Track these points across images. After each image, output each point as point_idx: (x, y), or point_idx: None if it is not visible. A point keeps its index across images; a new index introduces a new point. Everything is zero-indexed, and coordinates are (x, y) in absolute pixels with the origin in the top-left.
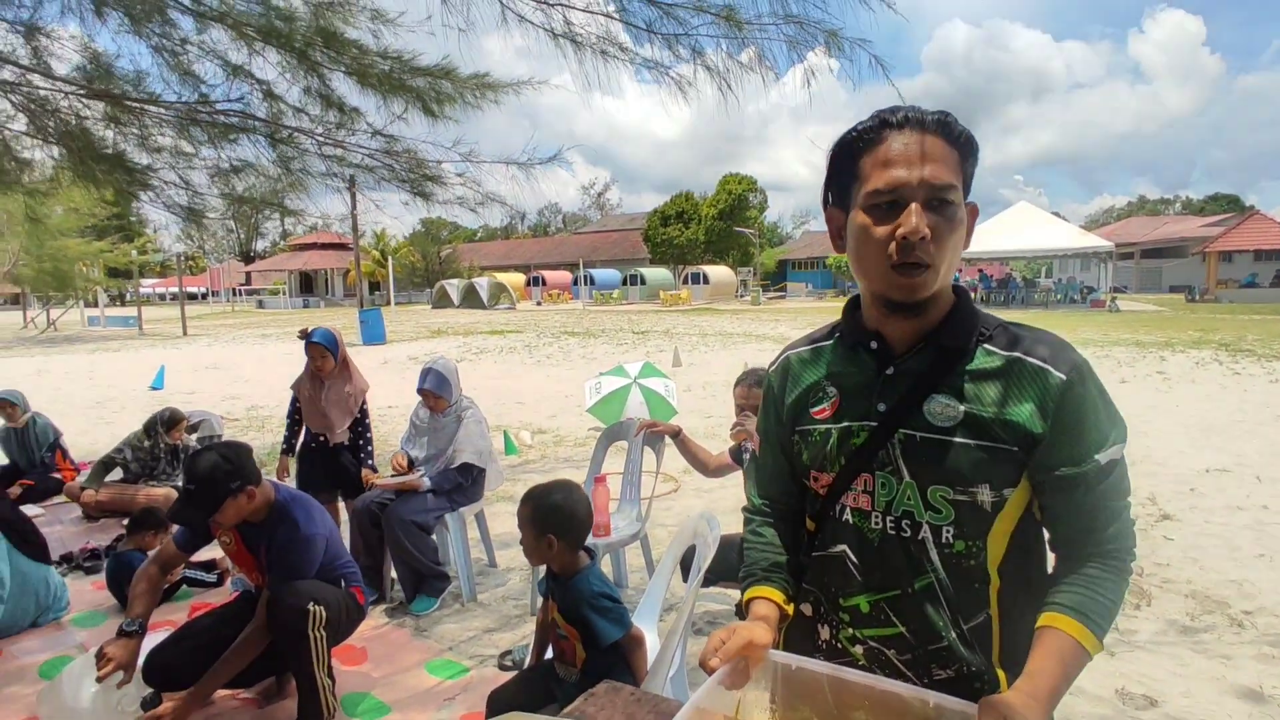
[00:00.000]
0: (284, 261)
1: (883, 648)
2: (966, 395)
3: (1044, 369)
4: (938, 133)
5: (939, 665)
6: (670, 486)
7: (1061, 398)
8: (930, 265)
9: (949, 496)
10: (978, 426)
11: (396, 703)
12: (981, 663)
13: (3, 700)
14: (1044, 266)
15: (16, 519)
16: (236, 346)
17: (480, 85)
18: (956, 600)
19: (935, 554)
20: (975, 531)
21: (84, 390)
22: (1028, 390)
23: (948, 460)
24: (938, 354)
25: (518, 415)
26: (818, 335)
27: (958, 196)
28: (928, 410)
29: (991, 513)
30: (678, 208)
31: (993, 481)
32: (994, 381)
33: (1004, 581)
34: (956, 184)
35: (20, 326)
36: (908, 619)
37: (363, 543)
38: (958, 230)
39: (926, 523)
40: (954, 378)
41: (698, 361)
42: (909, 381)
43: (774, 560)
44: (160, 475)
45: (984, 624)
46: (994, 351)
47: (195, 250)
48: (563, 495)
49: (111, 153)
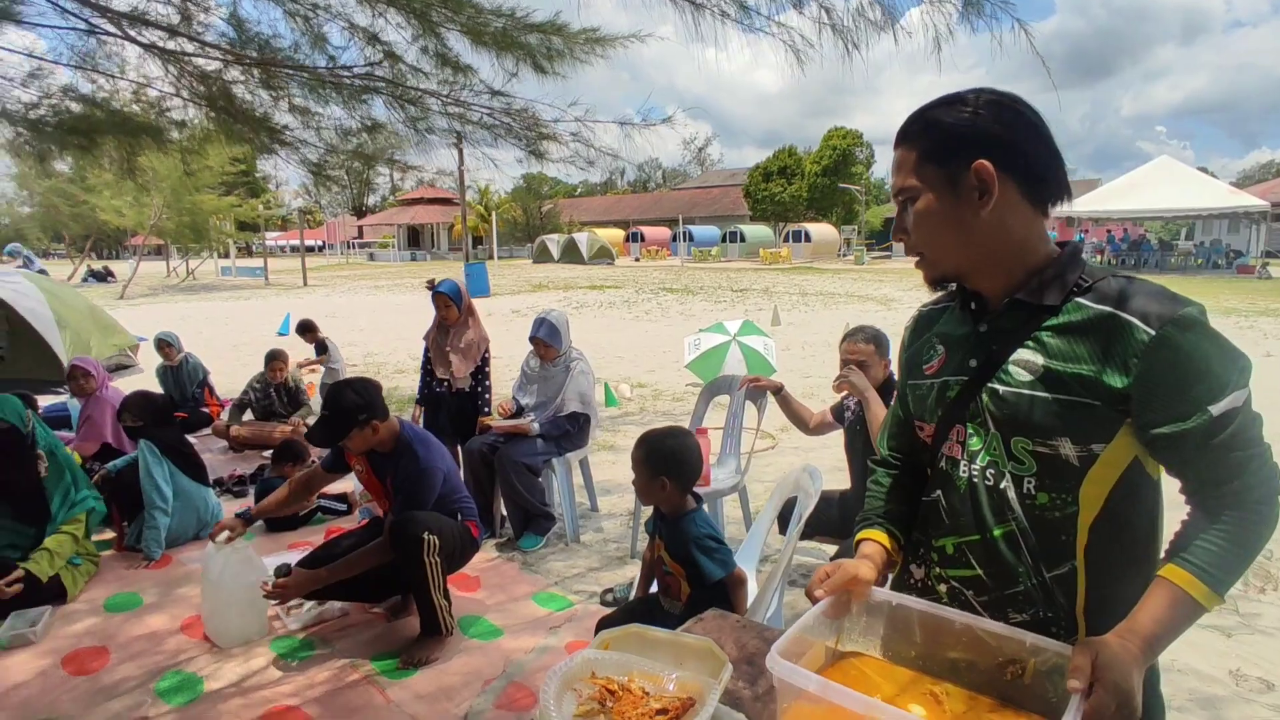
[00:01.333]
0: (393, 216)
1: (962, 588)
2: (1049, 350)
3: (1129, 323)
4: (900, 143)
5: (1014, 609)
6: (769, 443)
7: (1148, 354)
8: (921, 254)
9: (1029, 448)
10: (1056, 381)
11: (508, 627)
12: (1061, 610)
13: (178, 598)
14: (1184, 228)
15: (181, 444)
16: (351, 296)
17: (590, 40)
18: (1039, 549)
19: (1017, 503)
20: (1061, 486)
21: (222, 334)
22: (1111, 345)
23: (1028, 414)
24: (1023, 310)
25: (617, 369)
26: (949, 294)
27: (918, 191)
28: (1012, 365)
29: (1080, 467)
30: (780, 163)
31: (1074, 435)
32: (1077, 336)
33: (1095, 536)
34: (914, 182)
35: (164, 276)
36: (985, 563)
37: (474, 482)
38: (929, 219)
39: (1009, 473)
40: (1040, 332)
41: (797, 321)
42: (998, 337)
43: (887, 508)
44: (279, 412)
45: (1068, 574)
46: (1084, 305)
47: (313, 205)
48: (677, 440)
49: (255, 114)
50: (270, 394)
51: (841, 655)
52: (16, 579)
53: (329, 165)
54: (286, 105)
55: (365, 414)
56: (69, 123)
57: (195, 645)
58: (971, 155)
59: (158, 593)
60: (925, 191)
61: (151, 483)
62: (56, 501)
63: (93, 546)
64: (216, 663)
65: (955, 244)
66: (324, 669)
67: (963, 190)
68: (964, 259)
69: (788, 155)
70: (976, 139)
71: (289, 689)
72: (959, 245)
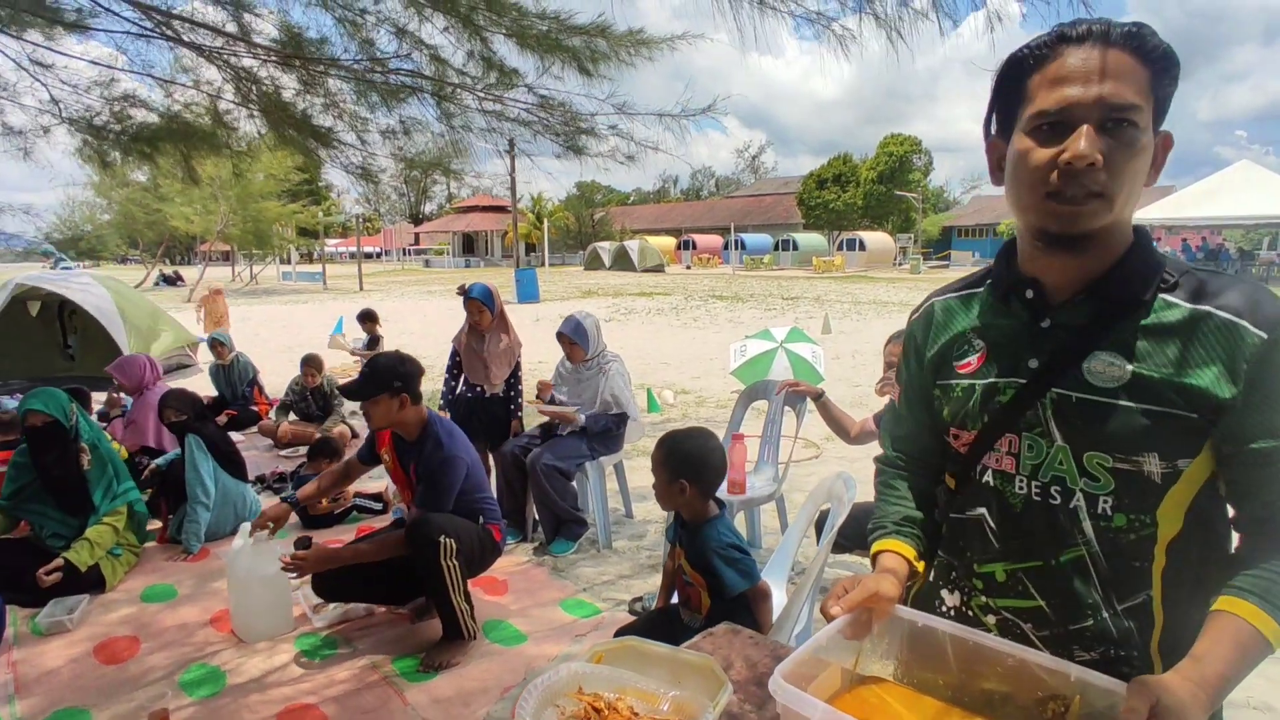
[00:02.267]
0: (448, 223)
1: (1019, 620)
2: (1137, 353)
3: (1236, 324)
4: (1125, 46)
5: (1081, 646)
6: (812, 453)
7: (1259, 358)
8: (1102, 194)
9: (1108, 465)
10: (1147, 389)
11: (533, 633)
12: (1136, 647)
13: (211, 592)
14: (1267, 237)
15: (224, 442)
16: (404, 301)
17: (635, 42)
18: (1111, 577)
19: (1089, 525)
20: (1140, 505)
21: (279, 336)
22: (1214, 349)
23: (1109, 426)
24: (1104, 305)
25: (662, 375)
26: (970, 280)
27: (1143, 119)
28: (1088, 369)
29: (1162, 485)
30: (834, 170)
31: (1163, 451)
32: (1172, 338)
33: (1172, 561)
34: (1142, 104)
35: (229, 280)
36: (1049, 593)
37: (506, 486)
38: (1138, 158)
39: (1081, 491)
40: (1122, 332)
41: (848, 330)
42: (1067, 335)
43: (906, 514)
44: (314, 415)
45: (1143, 605)
46: (1175, 303)
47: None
48: (697, 442)
49: (300, 117)
50: (306, 397)
51: (861, 680)
52: (56, 568)
53: (374, 169)
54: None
55: (400, 383)
56: (131, 129)
57: (222, 639)
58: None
59: (192, 585)
60: (1144, 120)
61: (196, 476)
62: (99, 494)
63: (134, 538)
64: (241, 657)
65: (1134, 196)
66: (345, 668)
67: (1152, 140)
68: (1122, 219)
69: (842, 162)
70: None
71: (308, 687)
72: (1133, 200)
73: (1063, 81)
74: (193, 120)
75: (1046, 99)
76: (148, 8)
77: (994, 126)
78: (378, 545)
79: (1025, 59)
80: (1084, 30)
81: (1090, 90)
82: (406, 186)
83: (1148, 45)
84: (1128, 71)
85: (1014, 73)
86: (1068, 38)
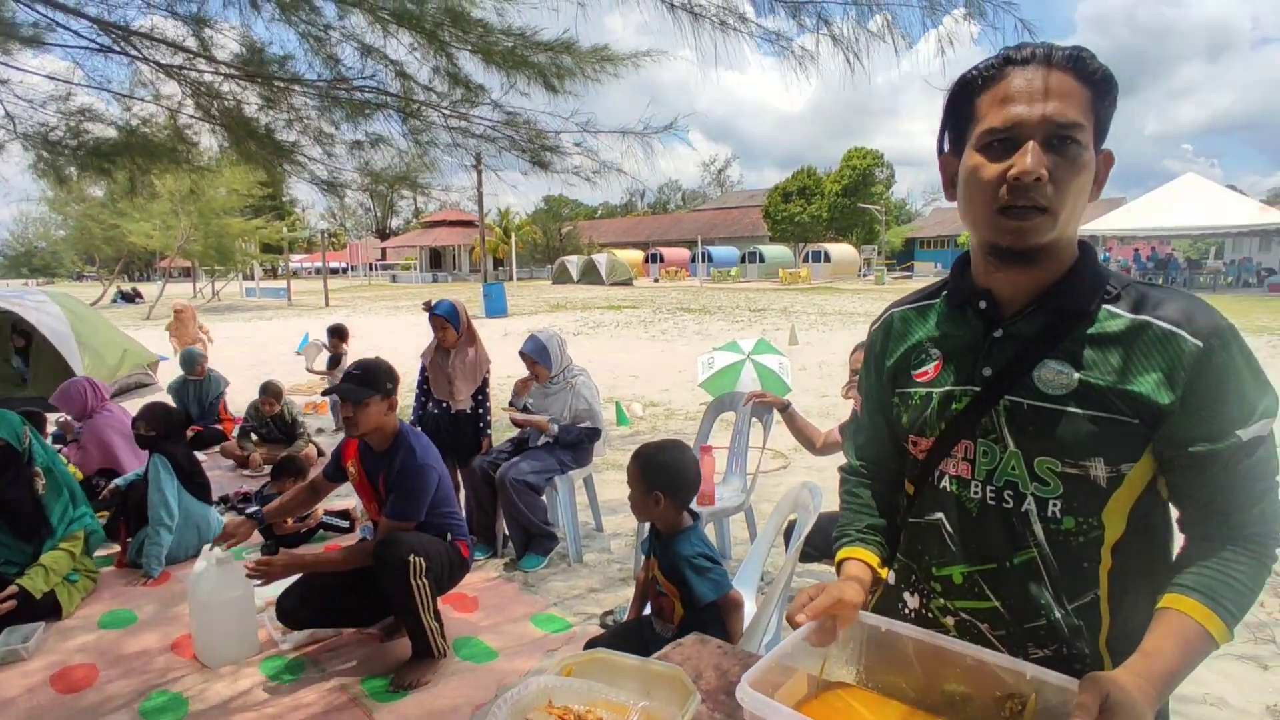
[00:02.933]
0: (415, 238)
1: (976, 621)
2: (1084, 362)
3: (1175, 333)
4: (1067, 68)
5: (1035, 644)
6: (780, 463)
7: (1196, 367)
8: (1047, 209)
9: (1057, 469)
10: (1094, 396)
11: (503, 649)
12: (1085, 644)
13: (173, 616)
14: (1213, 246)
15: (189, 462)
16: (371, 317)
17: (600, 59)
18: (1061, 578)
19: (1040, 528)
20: (1087, 508)
21: (243, 354)
22: (1154, 358)
23: (1058, 431)
24: (1053, 315)
25: (631, 388)
26: (926, 292)
27: (1085, 137)
28: (1038, 377)
29: (1107, 489)
30: (799, 184)
31: (1108, 455)
32: (1115, 347)
33: (1118, 562)
34: (1084, 123)
35: (190, 297)
36: (1004, 594)
37: (476, 501)
38: (1081, 174)
39: (1032, 495)
40: (1070, 342)
41: (815, 340)
42: (1019, 345)
43: (869, 522)
44: (277, 439)
45: (1091, 604)
46: (1118, 313)
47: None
48: (673, 455)
49: (263, 132)
50: (267, 423)
51: (827, 686)
52: (10, 595)
53: (338, 183)
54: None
55: (390, 385)
56: (88, 144)
57: (185, 665)
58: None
59: (153, 610)
60: (1088, 139)
61: (160, 498)
62: (55, 518)
63: (91, 563)
64: (204, 683)
65: (1078, 212)
66: (312, 691)
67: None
68: (1066, 235)
69: (807, 176)
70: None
71: (274, 711)
72: (1077, 216)
73: (1010, 100)
74: (151, 135)
75: (995, 117)
76: (105, 23)
77: (946, 144)
78: (345, 555)
79: (974, 80)
80: (1029, 53)
81: (1035, 109)
82: (373, 201)
83: (1088, 68)
84: (1070, 92)
85: (964, 93)
86: (1014, 60)
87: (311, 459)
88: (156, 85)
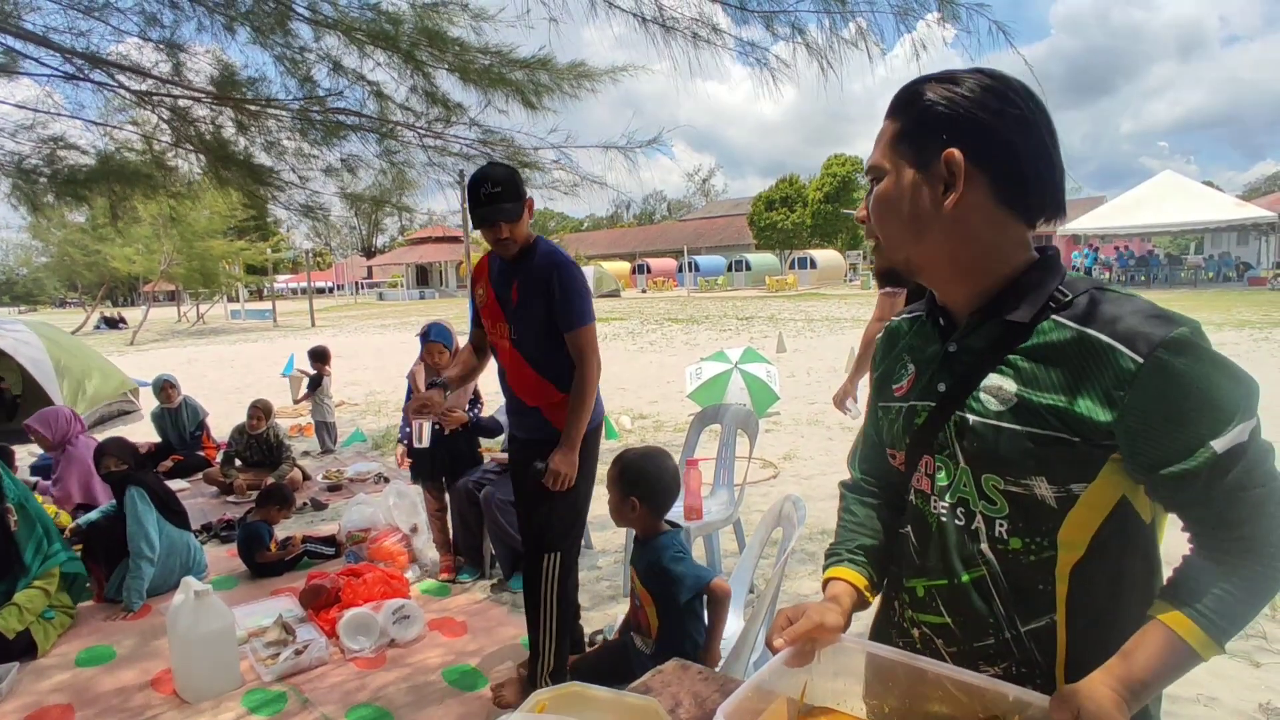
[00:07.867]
0: (402, 255)
1: (933, 635)
2: (1023, 376)
3: (1113, 348)
4: (886, 115)
5: (986, 662)
6: (770, 472)
7: (1137, 384)
8: (877, 240)
9: (1001, 487)
10: (1030, 412)
11: (494, 674)
12: (1038, 667)
13: (153, 651)
14: (1192, 242)
15: (163, 491)
16: (358, 336)
17: (578, 74)
18: (1013, 598)
19: (987, 547)
20: (1035, 529)
21: (228, 377)
22: (1092, 373)
23: (999, 448)
24: (995, 328)
25: (620, 401)
26: (921, 305)
27: (884, 172)
28: (982, 391)
29: (1058, 509)
30: (782, 192)
31: (1050, 474)
32: (1056, 360)
33: (1077, 586)
34: (883, 162)
35: (175, 320)
36: (954, 610)
37: (461, 522)
38: (886, 204)
39: (980, 513)
40: (1011, 354)
41: (803, 347)
42: (969, 358)
43: (860, 543)
44: (262, 464)
45: (1046, 628)
46: (1064, 324)
47: (323, 247)
48: (651, 462)
49: (241, 157)
50: (251, 445)
51: (809, 710)
52: None
53: (318, 206)
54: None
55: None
56: (63, 173)
57: (164, 701)
58: (946, 141)
59: (132, 645)
60: (892, 172)
61: (140, 530)
62: (29, 554)
63: (68, 599)
64: (184, 719)
65: (909, 235)
66: None
67: (931, 178)
68: (917, 254)
69: (789, 184)
70: (954, 123)
71: None
72: (913, 238)
73: None
74: (128, 161)
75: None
76: (73, 53)
77: None
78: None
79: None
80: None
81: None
82: (358, 220)
83: (895, 107)
84: (883, 134)
85: None
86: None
87: (297, 483)
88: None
